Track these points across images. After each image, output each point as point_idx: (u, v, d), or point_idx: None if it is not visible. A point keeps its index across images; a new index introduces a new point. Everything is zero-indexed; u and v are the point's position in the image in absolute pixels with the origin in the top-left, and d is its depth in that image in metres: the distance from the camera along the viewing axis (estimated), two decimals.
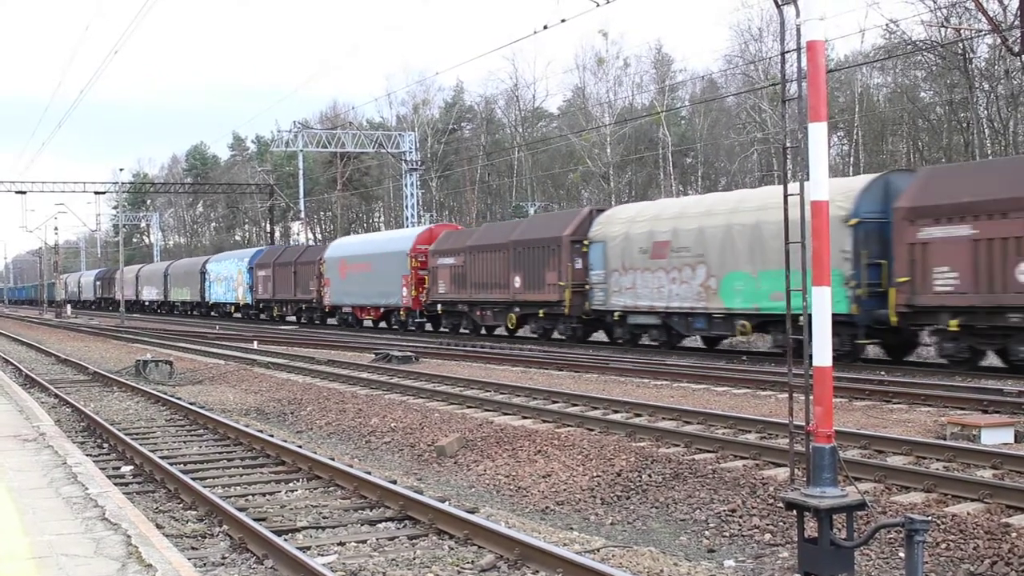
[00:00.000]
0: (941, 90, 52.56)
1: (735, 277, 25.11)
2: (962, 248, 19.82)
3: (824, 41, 7.00)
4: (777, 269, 22.92)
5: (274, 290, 54.19)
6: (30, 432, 12.82)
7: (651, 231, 27.91)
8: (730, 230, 25.29)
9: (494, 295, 34.85)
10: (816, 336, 6.98)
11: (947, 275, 20.21)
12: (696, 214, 26.86)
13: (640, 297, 28.17)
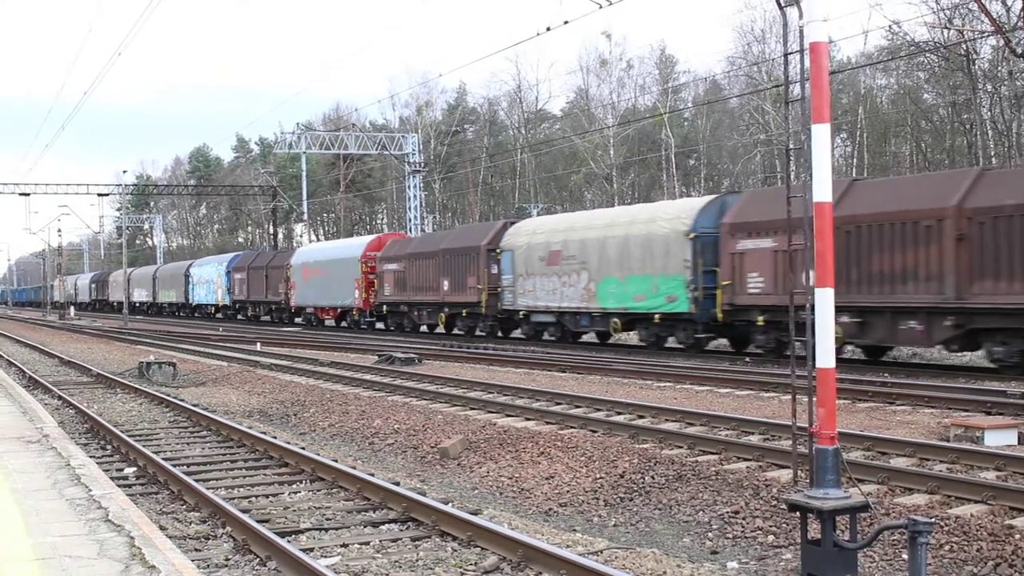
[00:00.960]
0: (944, 92, 52.55)
1: (609, 282, 29.36)
2: (767, 257, 23.97)
3: (827, 43, 7.00)
4: (640, 275, 28.15)
5: (248, 292, 58.55)
6: (34, 434, 12.83)
7: (547, 242, 32.15)
8: (605, 242, 29.54)
9: (428, 297, 38.98)
10: (819, 338, 6.98)
11: (756, 279, 24.45)
12: (581, 227, 31.32)
13: (539, 298, 32.38)
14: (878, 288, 21.61)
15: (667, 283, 27.15)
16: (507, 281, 33.87)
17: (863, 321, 22.11)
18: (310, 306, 50.23)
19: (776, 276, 23.60)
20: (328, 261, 47.84)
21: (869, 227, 21.80)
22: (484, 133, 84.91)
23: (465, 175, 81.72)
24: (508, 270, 33.79)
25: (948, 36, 45.60)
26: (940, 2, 45.53)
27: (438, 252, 38.27)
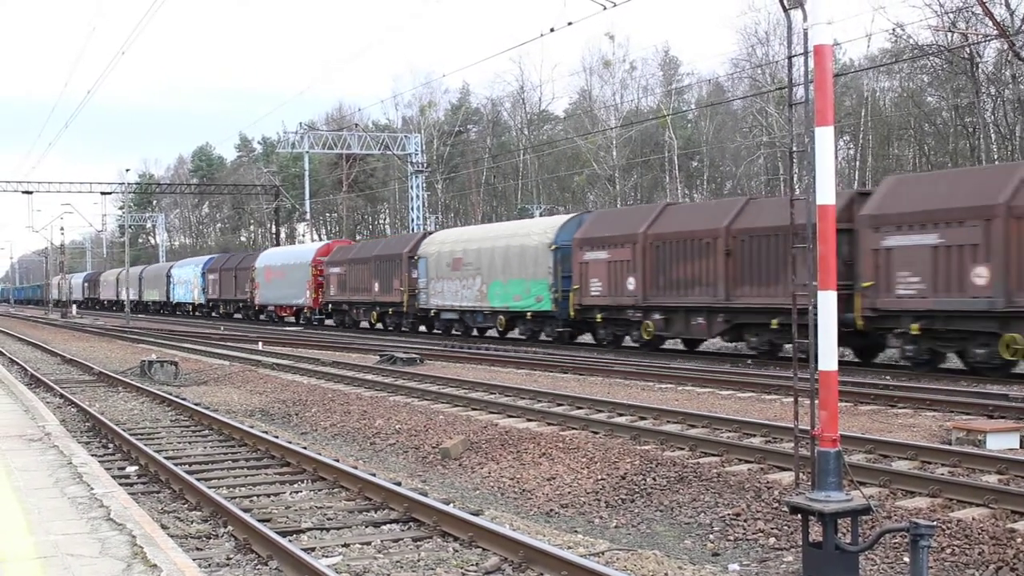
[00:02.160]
0: (947, 95, 52.52)
1: (496, 284, 34.59)
2: (603, 266, 29.40)
3: (831, 45, 7.00)
4: (517, 279, 33.33)
5: (220, 291, 63.79)
6: (35, 432, 12.84)
7: (452, 251, 37.39)
8: (493, 251, 34.81)
9: (363, 297, 44.45)
10: (822, 340, 6.98)
11: (596, 284, 29.67)
12: (477, 238, 36.76)
13: (446, 299, 37.59)
14: (676, 292, 26.97)
15: (536, 286, 32.53)
16: (422, 284, 39.26)
17: (667, 318, 27.55)
18: (271, 304, 55.65)
19: (609, 282, 29.22)
20: (285, 265, 53.37)
21: (671, 243, 27.16)
22: (487, 134, 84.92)
23: (468, 175, 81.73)
24: (423, 274, 39.12)
25: (952, 39, 45.61)
26: (944, 5, 45.56)
27: (371, 258, 43.68)
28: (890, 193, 22.34)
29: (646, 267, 27.82)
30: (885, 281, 21.47)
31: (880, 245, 21.60)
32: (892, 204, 21.87)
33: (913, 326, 21.02)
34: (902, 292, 21.13)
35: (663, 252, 27.34)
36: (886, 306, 21.47)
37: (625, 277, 28.66)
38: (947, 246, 20.31)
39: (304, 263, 50.74)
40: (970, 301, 19.86)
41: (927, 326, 20.88)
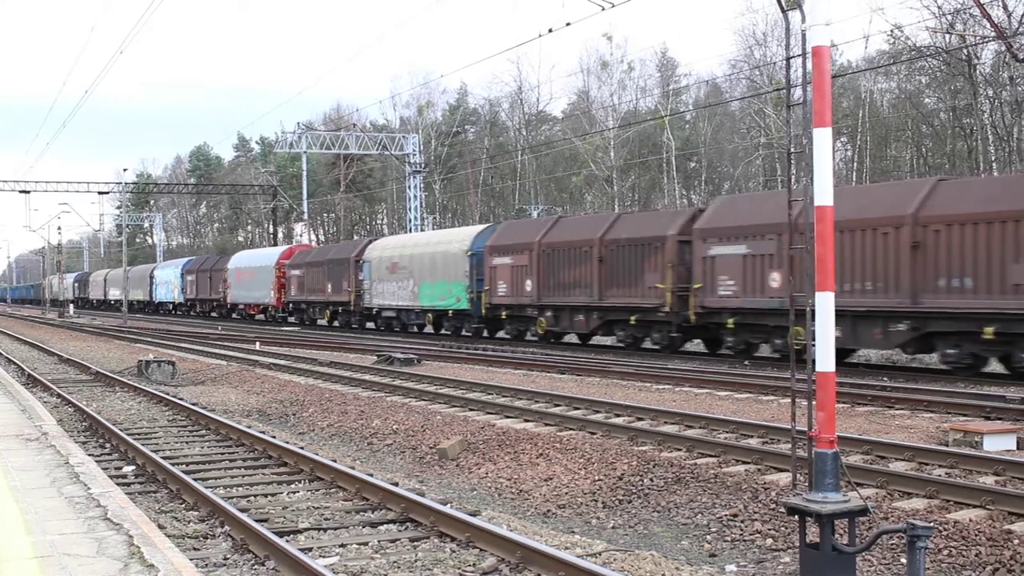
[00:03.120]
0: (945, 96, 52.57)
1: (425, 286, 39.36)
2: (508, 270, 33.79)
3: (829, 46, 7.01)
4: (441, 281, 38.20)
5: (197, 291, 68.13)
6: (33, 431, 12.83)
7: (391, 256, 42.10)
8: (423, 256, 39.68)
9: (318, 297, 49.22)
10: (820, 341, 6.98)
11: (502, 286, 34.19)
12: (411, 245, 41.81)
13: (386, 299, 42.41)
14: (563, 293, 31.27)
15: (456, 288, 37.25)
16: (366, 285, 43.99)
17: (557, 315, 32.02)
18: (241, 303, 60.34)
19: (512, 284, 33.60)
20: (253, 267, 58.18)
21: (559, 251, 31.52)
22: (485, 134, 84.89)
23: (465, 176, 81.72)
24: (367, 277, 43.87)
25: (950, 41, 45.63)
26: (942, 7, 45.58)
27: (325, 262, 48.39)
28: (716, 210, 26.98)
29: (540, 272, 32.36)
30: (710, 283, 25.68)
31: (707, 253, 25.81)
32: (716, 220, 26.09)
33: (729, 321, 25.33)
34: (722, 293, 25.42)
35: (553, 259, 31.86)
36: (711, 304, 25.71)
37: (524, 280, 33.27)
38: (753, 255, 24.55)
39: (269, 266, 55.42)
40: (767, 300, 23.96)
41: (739, 321, 25.18)
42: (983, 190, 21.58)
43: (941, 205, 20.90)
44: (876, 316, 21.78)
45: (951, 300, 20.45)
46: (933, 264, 20.71)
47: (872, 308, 21.70)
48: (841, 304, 21.56)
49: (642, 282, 28.11)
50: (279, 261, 54.41)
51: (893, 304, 21.36)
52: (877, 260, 21.68)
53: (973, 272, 20.08)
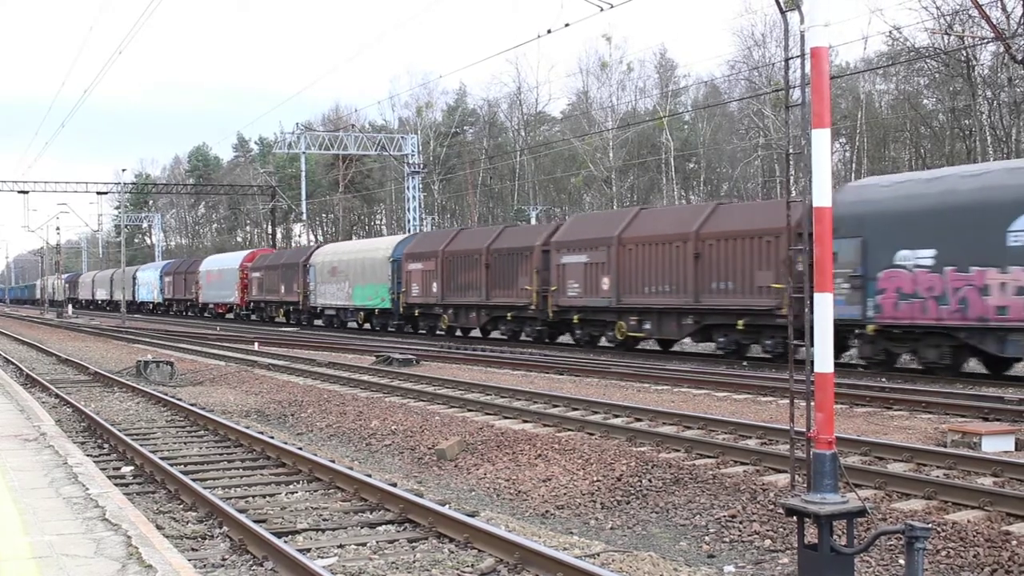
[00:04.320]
0: (944, 97, 52.59)
1: (358, 288, 44.88)
2: (422, 274, 39.37)
3: (828, 47, 7.01)
4: (370, 284, 43.62)
5: (174, 292, 73.45)
6: (31, 432, 12.83)
7: (332, 261, 47.70)
8: (356, 262, 45.19)
9: (274, 297, 55.08)
10: (818, 341, 6.98)
11: (416, 288, 39.80)
12: (347, 251, 47.92)
13: (328, 299, 48.19)
14: (460, 294, 37.05)
15: (381, 290, 42.93)
16: (312, 287, 49.68)
17: (456, 313, 37.76)
18: (211, 302, 65.73)
19: (422, 286, 39.34)
20: (220, 269, 63.71)
21: (458, 258, 37.20)
22: (484, 135, 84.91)
23: (464, 177, 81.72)
24: (313, 279, 49.57)
25: (948, 42, 45.66)
26: (940, 8, 45.62)
27: (280, 265, 54.46)
28: (569, 226, 33.09)
29: (443, 276, 37.91)
30: (562, 286, 31.23)
31: (560, 261, 31.35)
32: (567, 234, 31.85)
33: (575, 317, 31.17)
34: (570, 294, 30.93)
35: (453, 264, 37.57)
36: (563, 303, 31.38)
37: (431, 283, 38.79)
38: (591, 263, 30.04)
39: (234, 268, 61.00)
40: (600, 299, 29.65)
41: (583, 317, 30.98)
42: (744, 212, 27.40)
43: (715, 224, 26.38)
44: (672, 312, 27.59)
45: (719, 299, 25.90)
46: (708, 271, 26.14)
47: (669, 306, 27.47)
48: (649, 303, 28.43)
49: (517, 285, 33.85)
50: (242, 264, 59.84)
51: (683, 302, 26.93)
52: (672, 268, 27.28)
53: (733, 277, 25.46)
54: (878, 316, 21.82)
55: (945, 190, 21.14)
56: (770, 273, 24.34)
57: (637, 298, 28.53)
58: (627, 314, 29.07)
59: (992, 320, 19.99)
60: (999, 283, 19.79)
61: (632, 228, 29.19)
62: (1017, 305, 19.43)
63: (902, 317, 21.49)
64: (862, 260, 22.16)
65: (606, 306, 29.51)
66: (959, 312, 20.50)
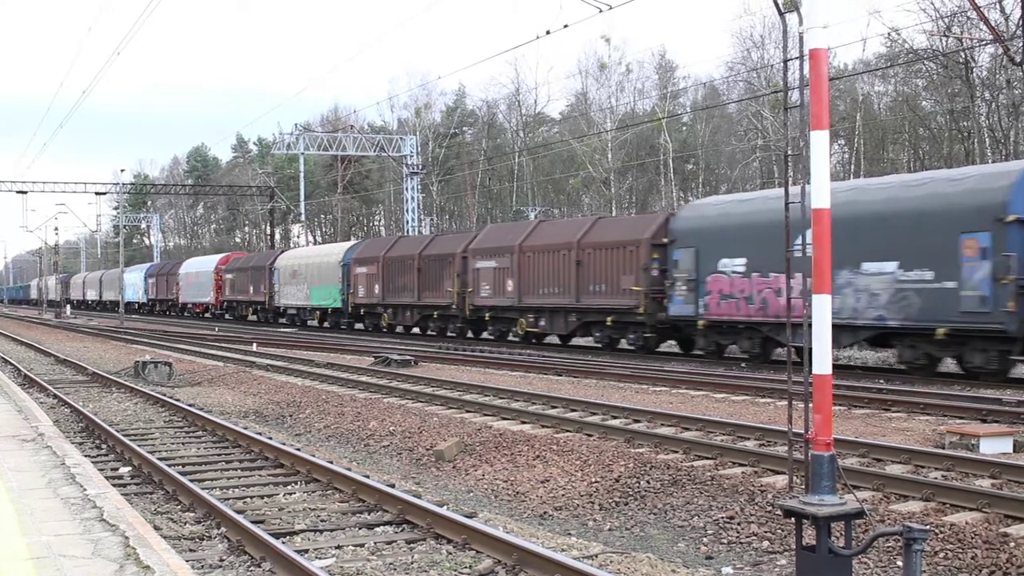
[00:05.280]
0: (942, 99, 52.58)
1: (314, 289, 49.72)
2: (366, 277, 43.98)
3: (827, 49, 7.00)
4: (325, 286, 48.19)
5: (157, 292, 78.57)
6: (29, 432, 12.82)
7: (292, 264, 52.81)
8: (312, 266, 50.06)
9: (244, 297, 59.76)
10: (816, 343, 6.98)
11: (362, 289, 44.53)
12: (306, 256, 53.02)
13: (289, 299, 53.02)
14: (398, 295, 41.62)
15: (333, 291, 47.50)
16: (276, 288, 54.40)
17: (395, 312, 42.46)
18: (189, 302, 70.15)
19: (367, 288, 44.07)
20: (198, 271, 68.54)
21: (395, 263, 41.79)
22: (482, 136, 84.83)
23: (463, 177, 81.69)
24: (277, 281, 54.29)
25: (947, 44, 45.67)
26: (939, 10, 45.62)
27: (249, 268, 59.36)
28: (484, 235, 38.01)
29: (384, 278, 42.47)
30: (476, 288, 35.83)
31: (475, 266, 36.04)
32: (482, 242, 36.70)
33: (487, 315, 35.75)
34: (483, 295, 35.51)
35: (392, 268, 42.06)
36: (478, 303, 35.92)
37: (374, 285, 43.29)
38: (498, 268, 34.72)
39: (209, 271, 65.70)
40: (506, 299, 34.32)
41: (493, 315, 35.53)
42: (615, 225, 32.36)
43: (593, 235, 30.95)
44: (561, 310, 32.16)
45: (595, 300, 30.28)
46: (587, 275, 30.49)
47: (558, 305, 32.05)
48: (543, 303, 32.95)
49: (442, 287, 38.46)
50: (217, 267, 64.65)
51: (568, 302, 31.42)
52: (560, 273, 31.81)
53: (605, 281, 29.75)
54: (706, 313, 26.24)
55: (752, 210, 25.42)
56: (632, 277, 28.75)
57: (534, 298, 33.18)
58: (527, 312, 33.84)
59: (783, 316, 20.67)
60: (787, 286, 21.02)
61: (531, 238, 33.98)
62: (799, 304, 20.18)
63: (723, 314, 25.78)
64: (696, 267, 26.39)
65: (511, 305, 34.22)
66: (762, 310, 24.65)
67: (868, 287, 22.15)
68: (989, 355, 20.61)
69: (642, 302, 28.19)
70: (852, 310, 22.36)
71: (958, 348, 21.30)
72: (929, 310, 21.00)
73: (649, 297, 28.11)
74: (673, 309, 27.31)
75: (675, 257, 27.32)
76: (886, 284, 21.84)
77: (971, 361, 20.96)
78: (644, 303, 28.29)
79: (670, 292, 27.46)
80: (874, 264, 22.04)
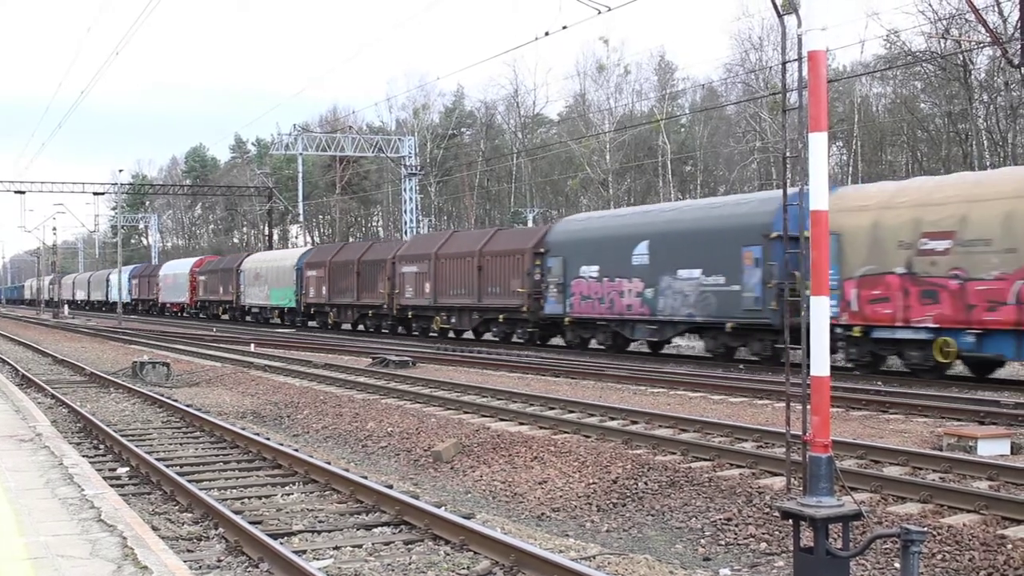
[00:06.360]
0: (940, 101, 52.64)
1: (274, 290, 54.27)
2: (316, 279, 48.46)
3: (825, 51, 7.01)
4: (283, 287, 52.94)
5: (139, 293, 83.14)
6: (27, 432, 12.81)
7: (255, 267, 57.30)
8: (272, 269, 54.74)
9: (215, 297, 64.28)
10: (814, 345, 6.99)
11: (312, 290, 48.93)
12: (267, 260, 57.86)
13: (253, 299, 57.68)
14: (342, 296, 46.03)
15: (289, 292, 52.19)
16: (242, 289, 58.95)
17: (338, 311, 47.11)
18: (168, 302, 74.89)
19: (316, 289, 48.38)
20: (175, 274, 73.31)
21: (339, 267, 46.08)
22: (481, 137, 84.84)
23: (461, 179, 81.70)
24: (243, 283, 58.90)
25: (945, 46, 45.72)
26: (937, 12, 45.67)
27: (219, 270, 64.02)
28: (410, 243, 43.32)
29: (329, 281, 46.95)
30: (402, 290, 40.57)
31: (401, 271, 40.69)
32: (407, 249, 41.58)
33: (411, 314, 40.61)
34: (407, 296, 40.32)
35: (336, 272, 46.59)
36: (403, 303, 40.63)
37: (322, 286, 47.86)
38: (419, 272, 39.49)
39: (185, 273, 70.26)
40: (425, 300, 39.07)
41: (415, 314, 40.36)
42: (508, 235, 37.10)
43: (491, 245, 35.82)
44: (466, 309, 36.77)
45: (492, 300, 35.12)
46: (486, 279, 35.26)
47: (464, 305, 36.72)
48: (453, 303, 37.58)
49: (376, 289, 42.97)
50: (192, 269, 69.26)
51: (471, 303, 36.14)
52: (466, 277, 36.43)
53: (500, 284, 34.56)
54: (571, 312, 31.05)
55: (604, 226, 30.79)
56: (519, 281, 33.51)
57: (446, 299, 37.98)
58: (441, 311, 38.65)
59: (625, 314, 28.85)
60: (628, 289, 28.58)
61: (445, 247, 38.77)
62: (636, 304, 28.25)
63: (583, 312, 30.63)
64: (564, 273, 31.21)
65: (428, 305, 39.05)
66: (610, 309, 29.34)
67: (682, 290, 26.79)
68: (764, 344, 24.99)
69: (526, 302, 33.24)
70: (672, 308, 27.12)
71: (744, 339, 25.76)
72: (722, 308, 25.49)
73: (531, 298, 32.97)
74: (547, 308, 32.34)
75: (549, 264, 32.27)
76: (694, 287, 26.44)
77: (753, 350, 25.49)
78: (527, 303, 33.30)
79: (545, 294, 32.40)
80: (686, 271, 26.66)
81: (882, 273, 21.68)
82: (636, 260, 28.33)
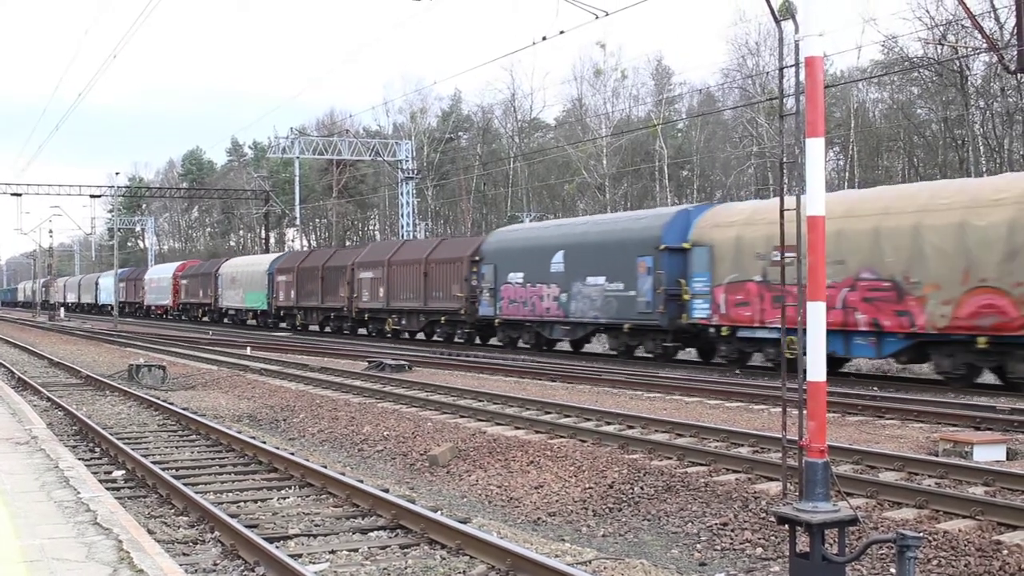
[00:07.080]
0: (937, 107, 52.72)
1: (248, 293, 57.35)
2: (285, 284, 51.53)
3: (823, 57, 7.02)
4: (256, 291, 55.75)
5: (126, 295, 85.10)
6: (22, 435, 12.80)
7: (232, 272, 60.47)
8: (246, 273, 57.96)
9: (196, 300, 67.30)
10: (811, 350, 7.00)
11: (282, 294, 52.38)
12: (242, 265, 60.76)
13: (230, 302, 60.77)
14: (308, 299, 49.28)
15: (261, 296, 55.18)
16: (220, 292, 62.18)
17: (305, 313, 50.47)
18: (153, 304, 78.04)
19: (286, 293, 51.79)
20: (160, 277, 76.92)
21: (305, 272, 49.54)
22: (478, 141, 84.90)
23: (458, 182, 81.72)
24: (220, 286, 62.19)
25: (942, 52, 45.80)
26: (934, 18, 45.77)
27: (199, 274, 67.25)
28: (368, 250, 45.86)
29: (297, 285, 50.53)
30: (360, 294, 43.80)
31: (359, 276, 43.97)
32: (366, 256, 44.67)
33: (367, 316, 43.94)
34: (364, 300, 43.54)
35: (303, 276, 50.16)
36: (361, 307, 43.84)
37: (291, 290, 51.37)
38: (374, 278, 42.71)
39: (168, 276, 73.64)
40: (379, 303, 42.40)
41: (371, 316, 43.76)
42: (450, 244, 40.91)
43: (436, 253, 39.34)
44: (414, 312, 40.24)
45: (436, 304, 38.56)
46: (431, 285, 38.70)
47: (412, 308, 40.19)
48: (402, 306, 41.35)
49: (338, 293, 46.30)
50: (175, 273, 72.54)
51: (418, 306, 39.72)
52: (414, 283, 39.85)
53: (442, 289, 38.11)
54: (501, 314, 34.30)
55: (528, 236, 34.96)
56: (458, 286, 36.90)
57: (397, 303, 41.35)
58: (393, 313, 42.08)
59: (544, 316, 32.30)
60: (547, 294, 31.93)
61: (397, 254, 42.16)
62: (553, 307, 31.65)
63: (511, 314, 33.86)
64: (495, 278, 34.49)
65: (382, 308, 42.50)
66: (532, 311, 32.81)
67: (590, 295, 29.95)
68: (656, 343, 28.25)
69: (464, 305, 36.76)
70: (582, 311, 30.43)
71: (639, 339, 29.00)
72: (621, 311, 28.72)
73: (469, 301, 36.32)
74: (481, 311, 35.66)
75: (483, 271, 35.58)
76: (599, 293, 29.60)
77: (647, 348, 28.75)
78: (465, 306, 36.80)
79: (480, 298, 35.62)
80: (593, 278, 29.90)
81: (744, 280, 24.66)
82: (554, 268, 31.73)
